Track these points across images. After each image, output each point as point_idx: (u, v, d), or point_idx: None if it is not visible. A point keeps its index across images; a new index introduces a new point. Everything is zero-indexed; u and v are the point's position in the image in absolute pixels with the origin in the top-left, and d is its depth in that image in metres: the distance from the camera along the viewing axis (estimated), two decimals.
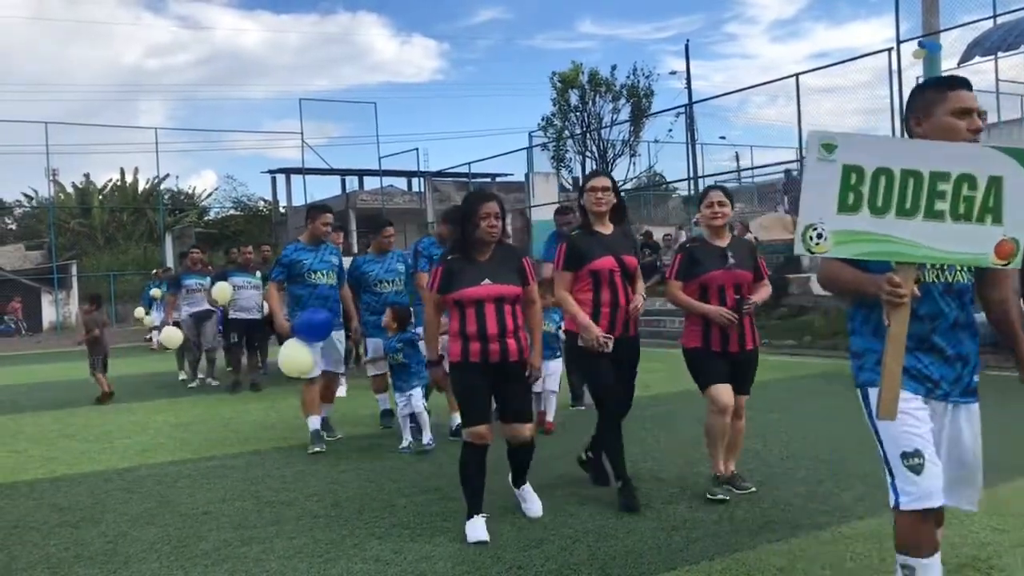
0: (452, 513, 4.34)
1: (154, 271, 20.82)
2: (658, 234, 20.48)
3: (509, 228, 9.12)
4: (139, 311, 18.85)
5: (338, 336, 6.44)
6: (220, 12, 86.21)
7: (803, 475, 4.93)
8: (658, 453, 5.62)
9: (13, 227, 38.16)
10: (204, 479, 5.46)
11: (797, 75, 16.54)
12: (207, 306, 10.56)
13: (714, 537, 3.85)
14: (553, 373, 6.59)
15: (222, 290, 9.95)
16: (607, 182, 4.57)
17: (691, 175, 24.24)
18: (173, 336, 10.46)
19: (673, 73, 44.54)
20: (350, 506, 4.63)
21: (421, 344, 5.59)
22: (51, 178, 31.12)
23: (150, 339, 18.97)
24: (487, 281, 3.95)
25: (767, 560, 3.54)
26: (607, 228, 4.55)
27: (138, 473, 5.75)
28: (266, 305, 9.64)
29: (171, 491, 5.17)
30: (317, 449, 6.08)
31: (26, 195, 36.33)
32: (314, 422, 6.23)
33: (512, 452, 4.22)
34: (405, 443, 6.06)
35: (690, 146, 25.14)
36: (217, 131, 59.91)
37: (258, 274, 10.14)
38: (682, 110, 25.01)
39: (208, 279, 10.68)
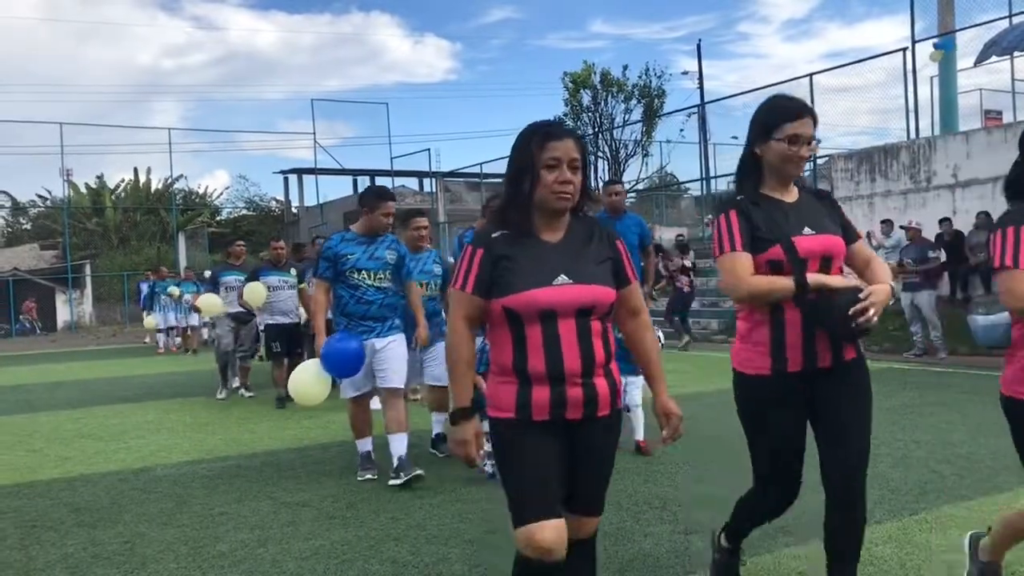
0: (468, 515, 4.34)
1: (147, 271, 20.76)
2: (669, 234, 20.46)
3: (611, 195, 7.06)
4: (148, 320, 18.64)
5: (399, 346, 5.32)
6: (234, 12, 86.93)
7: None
8: (675, 456, 5.59)
9: (28, 227, 38.46)
10: (220, 479, 5.48)
11: (811, 75, 16.52)
12: (243, 308, 9.32)
13: None
14: (633, 382, 5.63)
15: (255, 291, 8.70)
16: (813, 128, 2.72)
17: (703, 175, 24.22)
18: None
19: (685, 73, 44.62)
20: (366, 507, 4.63)
21: None
22: (65, 178, 31.40)
23: (154, 341, 18.89)
24: (564, 279, 2.32)
25: (786, 564, 3.53)
26: (790, 194, 2.82)
27: (154, 473, 5.78)
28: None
29: (187, 491, 5.19)
30: (369, 476, 5.27)
31: (40, 195, 36.70)
32: (364, 444, 5.37)
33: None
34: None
35: (702, 146, 25.16)
36: (230, 131, 60.46)
37: (293, 272, 9.03)
38: (694, 110, 25.00)
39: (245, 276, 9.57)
